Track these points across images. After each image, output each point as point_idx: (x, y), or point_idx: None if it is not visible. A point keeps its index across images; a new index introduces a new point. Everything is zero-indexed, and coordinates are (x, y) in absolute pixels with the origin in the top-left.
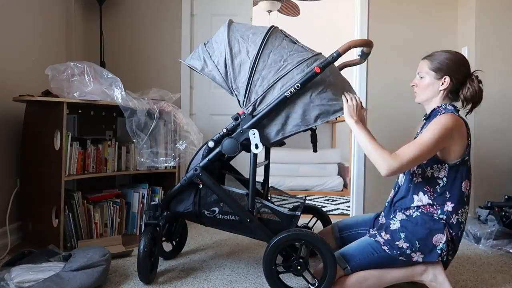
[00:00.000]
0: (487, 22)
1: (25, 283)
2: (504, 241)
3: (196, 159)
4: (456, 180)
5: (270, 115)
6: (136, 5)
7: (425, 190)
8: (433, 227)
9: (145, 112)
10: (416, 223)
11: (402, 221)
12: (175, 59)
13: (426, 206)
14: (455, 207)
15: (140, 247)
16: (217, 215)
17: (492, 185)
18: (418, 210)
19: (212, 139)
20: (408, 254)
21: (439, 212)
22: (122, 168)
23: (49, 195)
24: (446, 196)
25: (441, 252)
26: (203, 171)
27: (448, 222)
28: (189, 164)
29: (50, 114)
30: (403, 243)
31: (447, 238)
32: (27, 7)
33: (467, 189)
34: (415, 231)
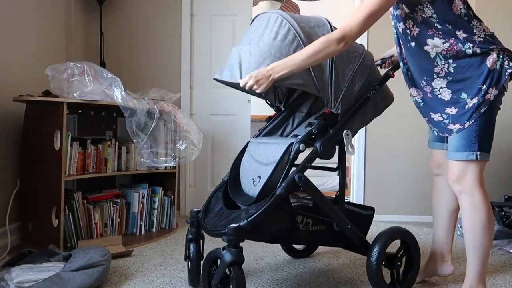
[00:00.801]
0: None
1: (25, 283)
2: (504, 241)
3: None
4: (444, 8)
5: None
6: (136, 5)
7: (429, 34)
8: (475, 61)
9: (145, 112)
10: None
11: (449, 85)
12: (175, 59)
13: (448, 49)
14: (465, 31)
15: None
16: (311, 227)
17: (492, 185)
18: (446, 59)
19: (299, 141)
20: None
21: (462, 45)
22: (122, 168)
23: (49, 195)
24: (449, 27)
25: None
26: (305, 176)
27: (478, 44)
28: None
29: (50, 114)
30: (471, 100)
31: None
32: (27, 7)
33: (460, 8)
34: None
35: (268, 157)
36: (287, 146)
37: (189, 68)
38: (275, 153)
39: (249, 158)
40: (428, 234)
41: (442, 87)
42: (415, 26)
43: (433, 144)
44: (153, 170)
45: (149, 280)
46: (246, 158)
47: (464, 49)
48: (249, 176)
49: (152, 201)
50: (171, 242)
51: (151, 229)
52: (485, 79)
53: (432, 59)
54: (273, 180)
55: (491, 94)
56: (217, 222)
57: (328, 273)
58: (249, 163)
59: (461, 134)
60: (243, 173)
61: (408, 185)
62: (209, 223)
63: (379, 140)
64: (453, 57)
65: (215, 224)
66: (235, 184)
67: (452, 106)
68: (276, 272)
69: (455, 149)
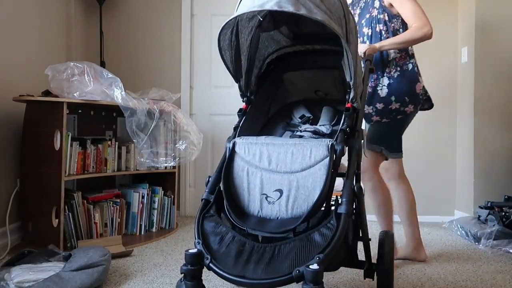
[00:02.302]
0: (487, 22)
1: (25, 283)
2: (504, 241)
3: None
4: (404, 25)
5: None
6: (136, 5)
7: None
8: (414, 78)
9: (145, 112)
10: (400, 82)
11: (389, 86)
12: (175, 59)
13: (399, 57)
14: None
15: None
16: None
17: (492, 185)
18: (396, 66)
19: (335, 141)
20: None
21: (409, 58)
22: (122, 168)
23: (49, 195)
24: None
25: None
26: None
27: (417, 65)
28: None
29: (50, 114)
30: (395, 104)
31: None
32: (27, 7)
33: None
34: (400, 89)
35: (293, 163)
36: (326, 147)
37: (189, 68)
38: (306, 159)
39: (250, 167)
40: (428, 234)
41: (384, 85)
42: (388, 32)
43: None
44: (153, 170)
45: (149, 280)
46: (242, 167)
47: (408, 63)
48: (255, 190)
49: (152, 201)
50: (171, 242)
51: (151, 229)
52: (411, 97)
53: (389, 61)
54: (307, 192)
55: (409, 109)
56: (253, 266)
57: (328, 274)
58: (251, 174)
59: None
60: (241, 188)
61: None
62: (239, 270)
63: None
64: (400, 67)
65: (255, 272)
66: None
67: (382, 103)
68: None
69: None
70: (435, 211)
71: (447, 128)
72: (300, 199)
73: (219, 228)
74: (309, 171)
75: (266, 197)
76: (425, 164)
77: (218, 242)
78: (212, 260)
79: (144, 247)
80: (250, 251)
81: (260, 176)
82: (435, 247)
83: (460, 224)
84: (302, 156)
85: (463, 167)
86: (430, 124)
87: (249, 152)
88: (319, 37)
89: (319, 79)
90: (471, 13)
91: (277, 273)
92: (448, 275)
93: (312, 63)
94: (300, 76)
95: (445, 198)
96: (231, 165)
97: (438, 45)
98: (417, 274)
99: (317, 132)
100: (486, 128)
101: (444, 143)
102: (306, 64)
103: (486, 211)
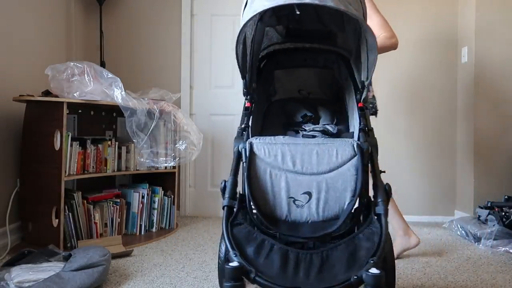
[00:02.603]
0: (487, 22)
1: (25, 283)
2: (504, 241)
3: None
4: None
5: None
6: (136, 5)
7: None
8: None
9: (145, 112)
10: None
11: None
12: (175, 59)
13: None
14: None
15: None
16: None
17: (492, 185)
18: None
19: (364, 140)
20: None
21: None
22: (122, 168)
23: (49, 195)
24: None
25: None
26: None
27: None
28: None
29: (50, 114)
30: None
31: None
32: (27, 7)
33: None
34: None
35: (319, 163)
36: (352, 147)
37: (189, 68)
38: (332, 159)
39: (273, 169)
40: (428, 234)
41: None
42: None
43: None
44: (153, 170)
45: (149, 280)
46: (264, 169)
47: None
48: (281, 194)
49: (152, 201)
50: (171, 242)
51: (151, 229)
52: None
53: None
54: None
55: None
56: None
57: None
58: (275, 176)
59: None
60: (264, 192)
61: (408, 185)
62: (290, 281)
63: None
64: None
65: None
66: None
67: None
68: None
69: None
70: (435, 211)
71: (447, 128)
72: (331, 201)
73: (253, 236)
74: (337, 172)
75: (294, 201)
76: (425, 164)
77: (255, 252)
78: (257, 273)
79: (144, 247)
80: (295, 259)
81: (285, 178)
82: (435, 247)
83: (460, 224)
84: (328, 156)
85: (463, 167)
86: (430, 124)
87: (270, 153)
88: (312, 35)
89: (305, 78)
90: (471, 13)
91: (333, 281)
92: (448, 275)
93: (302, 62)
94: (287, 74)
95: (445, 198)
96: (251, 167)
97: (438, 45)
98: (417, 274)
99: (326, 132)
100: (486, 128)
101: (444, 143)
102: (294, 62)
103: (486, 211)
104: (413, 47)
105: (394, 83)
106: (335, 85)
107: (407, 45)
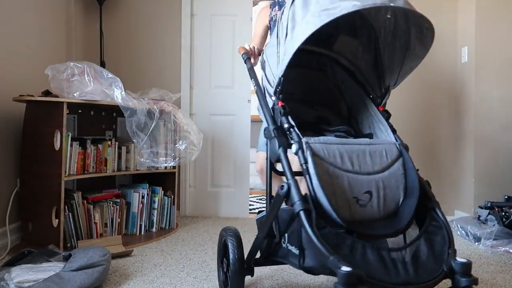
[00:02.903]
0: (487, 22)
1: (25, 283)
2: (504, 241)
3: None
4: None
5: None
6: (136, 5)
7: None
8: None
9: (145, 112)
10: None
11: None
12: (175, 59)
13: None
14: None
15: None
16: None
17: (492, 185)
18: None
19: (400, 142)
20: None
21: None
22: (122, 168)
23: (49, 195)
24: None
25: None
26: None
27: None
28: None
29: (50, 114)
30: None
31: None
32: (27, 7)
33: None
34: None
35: (374, 164)
36: (395, 147)
37: (189, 68)
38: (383, 159)
39: (335, 169)
40: None
41: None
42: None
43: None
44: (153, 170)
45: (149, 280)
46: (325, 169)
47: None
48: (344, 194)
49: (152, 201)
50: (171, 242)
51: (151, 229)
52: None
53: None
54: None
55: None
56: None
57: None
58: (337, 177)
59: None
60: (328, 192)
61: None
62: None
63: None
64: None
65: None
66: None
67: None
68: (276, 272)
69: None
70: None
71: (447, 128)
72: (389, 199)
73: (342, 239)
74: (390, 171)
75: (357, 200)
76: (425, 164)
77: (350, 255)
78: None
79: (144, 247)
80: (389, 257)
81: (346, 178)
82: None
83: (460, 224)
84: (380, 157)
85: (463, 167)
86: (430, 124)
87: (329, 153)
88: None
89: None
90: (471, 13)
91: (432, 274)
92: None
93: (298, 62)
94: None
95: (445, 198)
96: (317, 169)
97: (438, 45)
98: None
99: (349, 132)
100: (486, 128)
101: (444, 143)
102: (302, 62)
103: (486, 211)
104: None
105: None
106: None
107: None
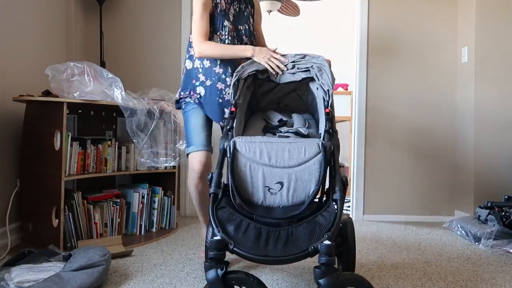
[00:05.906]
0: (487, 22)
1: (25, 283)
2: (504, 241)
3: None
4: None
5: None
6: (136, 5)
7: None
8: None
9: (145, 112)
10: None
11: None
12: (175, 59)
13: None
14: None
15: None
16: None
17: (492, 185)
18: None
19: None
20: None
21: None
22: (122, 168)
23: (49, 195)
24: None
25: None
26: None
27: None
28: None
29: (50, 114)
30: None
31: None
32: (27, 7)
33: None
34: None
35: (290, 159)
36: (317, 145)
37: None
38: (301, 155)
39: (252, 163)
40: (428, 234)
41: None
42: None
43: (209, 147)
44: (153, 170)
45: (149, 280)
46: (244, 163)
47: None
48: (258, 184)
49: (152, 201)
50: (171, 242)
51: (151, 229)
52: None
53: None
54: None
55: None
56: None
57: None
58: (253, 169)
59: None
60: (244, 182)
61: (408, 185)
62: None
63: (379, 140)
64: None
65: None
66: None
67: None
68: (276, 272)
69: None
70: (435, 211)
71: (447, 128)
72: (299, 190)
73: (234, 217)
74: (305, 166)
75: (268, 189)
76: (425, 164)
77: (235, 229)
78: (235, 245)
79: (144, 247)
80: (267, 234)
81: (262, 171)
82: (435, 247)
83: (460, 224)
84: (298, 153)
85: (463, 167)
86: (430, 124)
87: (250, 149)
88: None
89: (284, 93)
90: (471, 13)
91: (296, 250)
92: (448, 275)
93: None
94: (268, 91)
95: (445, 198)
96: (234, 161)
97: (438, 45)
98: (417, 274)
99: (298, 133)
100: (486, 128)
101: (444, 143)
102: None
103: (486, 211)
104: (412, 46)
105: (394, 83)
106: (309, 96)
107: (406, 44)
